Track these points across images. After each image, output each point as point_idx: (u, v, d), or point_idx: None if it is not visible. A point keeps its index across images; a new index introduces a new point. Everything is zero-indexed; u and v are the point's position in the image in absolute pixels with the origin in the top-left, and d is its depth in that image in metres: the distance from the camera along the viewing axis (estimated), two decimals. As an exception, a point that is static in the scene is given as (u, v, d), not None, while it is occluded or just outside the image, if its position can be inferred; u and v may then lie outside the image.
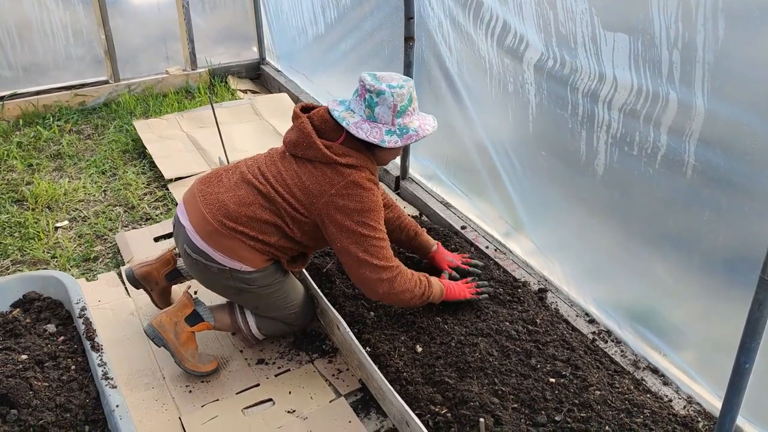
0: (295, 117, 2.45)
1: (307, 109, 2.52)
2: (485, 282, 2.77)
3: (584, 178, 2.55)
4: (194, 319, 2.52)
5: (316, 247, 2.59)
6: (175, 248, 2.82)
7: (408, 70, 3.41)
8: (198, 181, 2.55)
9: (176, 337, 2.48)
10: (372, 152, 2.44)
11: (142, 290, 2.83)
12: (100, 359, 2.32)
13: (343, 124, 2.34)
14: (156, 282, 2.77)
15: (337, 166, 2.33)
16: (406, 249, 2.92)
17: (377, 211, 2.36)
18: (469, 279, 2.77)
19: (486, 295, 2.69)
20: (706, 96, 1.97)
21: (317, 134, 2.38)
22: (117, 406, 2.12)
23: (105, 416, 2.21)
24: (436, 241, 2.89)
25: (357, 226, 2.31)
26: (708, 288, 2.24)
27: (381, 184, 3.87)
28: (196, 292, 2.85)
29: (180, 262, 2.81)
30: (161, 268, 2.78)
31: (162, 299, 2.83)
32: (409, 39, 3.34)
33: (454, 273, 2.80)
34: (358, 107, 2.38)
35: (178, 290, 2.94)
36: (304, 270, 2.75)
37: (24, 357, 2.30)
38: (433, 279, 2.57)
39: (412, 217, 3.40)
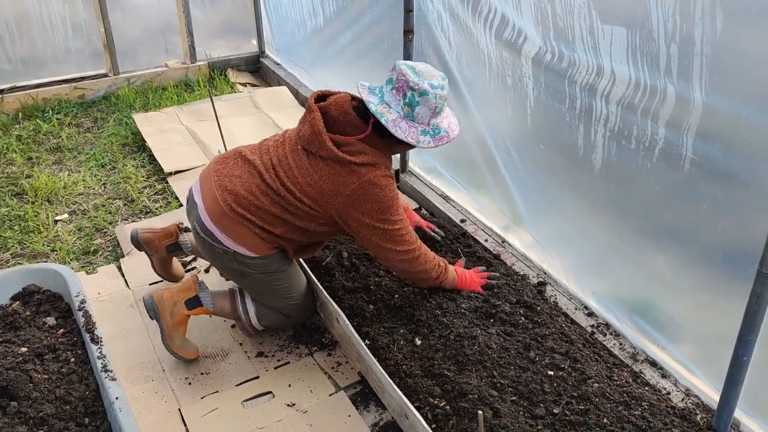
0: (309, 110, 2.36)
1: (324, 97, 2.45)
2: (497, 274, 2.80)
3: (583, 172, 2.55)
4: (194, 303, 2.54)
5: (332, 236, 2.64)
6: (180, 223, 2.92)
7: (407, 64, 3.41)
8: (216, 160, 2.54)
9: (171, 316, 2.50)
10: (389, 146, 2.40)
11: (142, 284, 2.85)
12: (100, 352, 2.32)
13: (382, 120, 2.26)
14: (156, 250, 2.84)
15: (351, 166, 2.29)
16: None
17: (395, 206, 2.35)
18: (481, 269, 2.81)
19: (495, 288, 2.72)
20: (704, 90, 1.96)
21: (334, 126, 2.32)
22: (116, 398, 2.12)
23: (105, 408, 2.22)
24: (406, 203, 2.96)
25: (377, 223, 2.32)
26: (706, 281, 2.24)
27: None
28: (206, 271, 2.92)
29: (182, 237, 2.88)
30: (163, 238, 2.84)
31: (162, 268, 2.91)
32: (408, 32, 3.33)
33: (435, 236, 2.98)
34: (395, 103, 2.29)
35: (179, 268, 3.01)
36: (303, 263, 2.76)
37: (24, 349, 2.31)
38: (450, 266, 2.63)
39: (413, 210, 3.41)
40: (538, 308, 2.64)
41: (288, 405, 2.39)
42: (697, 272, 2.26)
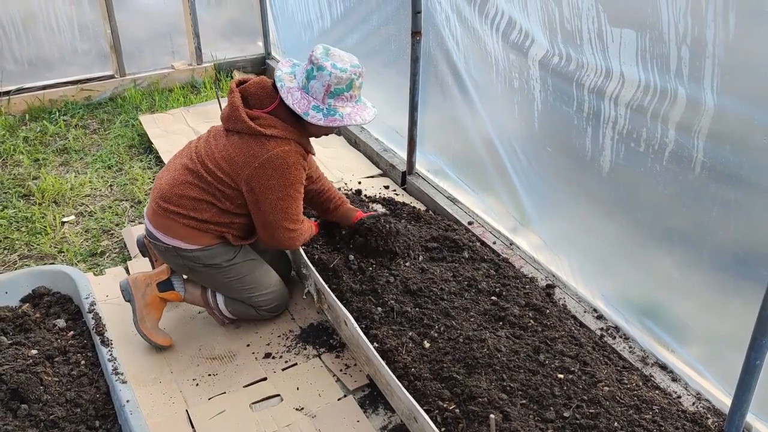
0: (230, 92, 2.49)
1: (242, 83, 2.55)
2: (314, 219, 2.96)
3: (591, 174, 2.54)
4: (166, 285, 2.65)
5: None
6: None
7: (415, 65, 3.41)
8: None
9: (143, 297, 2.62)
10: (303, 125, 2.48)
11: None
12: (110, 354, 2.32)
13: (278, 84, 2.40)
14: (155, 257, 2.90)
15: (261, 138, 2.39)
16: (329, 218, 3.00)
17: (298, 184, 2.46)
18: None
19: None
20: (716, 92, 1.95)
21: (252, 101, 2.45)
22: (127, 401, 2.12)
23: (115, 411, 2.22)
24: (357, 209, 2.99)
25: (277, 200, 2.43)
26: (717, 284, 2.23)
27: (387, 178, 3.87)
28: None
29: None
30: None
31: None
32: (416, 34, 3.33)
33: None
34: (300, 74, 2.43)
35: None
36: (310, 265, 2.75)
37: (34, 352, 2.31)
38: (306, 219, 2.77)
39: (418, 211, 3.40)
40: (547, 311, 2.63)
41: (296, 409, 2.39)
42: (707, 274, 2.25)
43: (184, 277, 2.72)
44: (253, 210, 2.49)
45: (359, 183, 3.82)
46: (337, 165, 4.02)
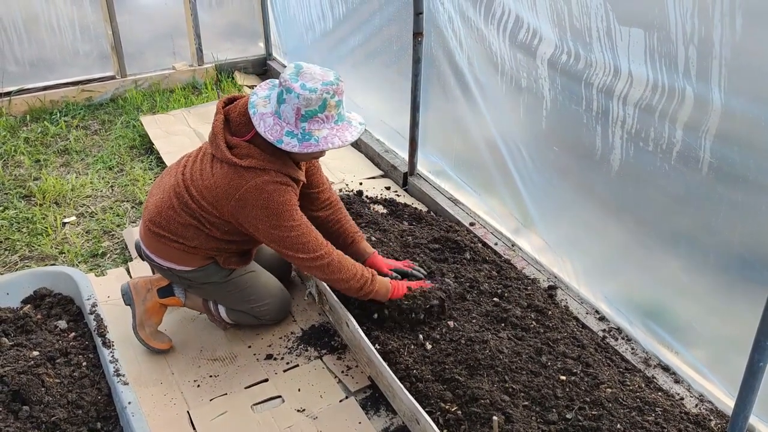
0: (216, 112, 2.34)
1: (233, 100, 2.40)
2: (426, 289, 2.57)
3: (598, 174, 2.53)
4: (166, 291, 2.61)
5: (251, 243, 2.55)
6: None
7: (417, 66, 3.40)
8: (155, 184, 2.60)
9: (143, 303, 2.58)
10: (285, 152, 2.27)
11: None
12: (112, 356, 2.31)
13: (251, 111, 2.21)
14: None
15: (239, 169, 2.23)
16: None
17: (287, 212, 2.26)
18: (423, 278, 2.63)
19: (436, 302, 2.52)
20: (723, 91, 1.95)
21: (233, 127, 2.29)
22: (129, 403, 2.11)
23: (117, 413, 2.21)
24: (374, 250, 2.69)
25: (270, 229, 2.26)
26: (721, 285, 2.22)
27: (388, 179, 3.86)
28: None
29: None
30: None
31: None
32: (417, 35, 3.32)
33: (394, 274, 2.62)
34: (274, 97, 2.23)
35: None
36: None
37: (35, 353, 2.30)
38: (380, 277, 2.46)
39: (420, 212, 3.39)
40: (549, 312, 2.63)
41: (298, 410, 2.38)
42: (712, 276, 2.24)
43: None
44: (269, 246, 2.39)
45: (360, 184, 3.81)
46: (338, 166, 4.01)
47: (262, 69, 5.62)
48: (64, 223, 3.54)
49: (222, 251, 2.48)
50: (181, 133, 4.38)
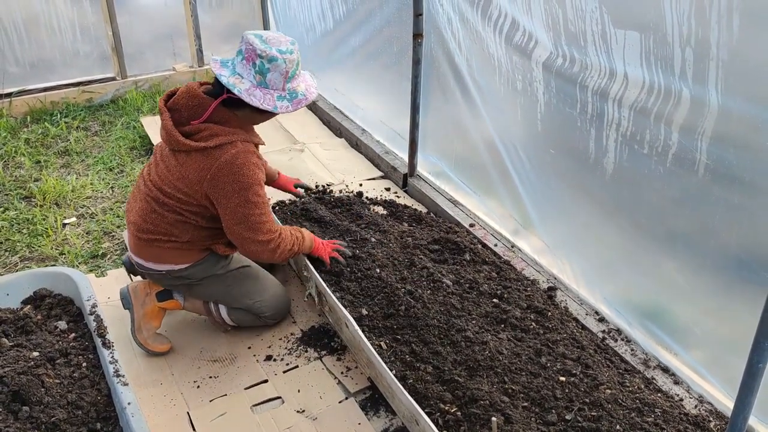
0: (160, 112, 2.41)
1: (173, 94, 2.47)
2: (345, 243, 2.86)
3: (594, 176, 2.54)
4: (165, 295, 2.64)
5: None
6: None
7: (417, 67, 3.41)
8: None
9: (142, 307, 2.61)
10: (250, 117, 2.44)
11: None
12: (112, 356, 2.31)
13: (235, 91, 2.29)
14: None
15: (207, 151, 2.33)
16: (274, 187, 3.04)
17: (256, 184, 2.37)
18: (337, 241, 2.85)
19: (343, 260, 2.76)
20: (720, 93, 1.95)
21: (186, 114, 2.36)
22: (129, 403, 2.11)
23: (117, 413, 2.21)
24: (278, 168, 3.05)
25: (238, 206, 2.35)
26: (720, 286, 2.22)
27: (388, 180, 3.86)
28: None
29: None
30: None
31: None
32: (417, 36, 3.33)
33: (300, 191, 3.16)
34: (246, 72, 2.32)
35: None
36: (311, 266, 2.74)
37: (35, 354, 2.30)
38: (306, 232, 2.68)
39: (420, 213, 3.40)
40: (549, 313, 2.63)
41: (297, 411, 2.38)
42: (710, 277, 2.24)
43: None
44: (224, 227, 2.44)
45: (360, 185, 3.81)
46: (338, 167, 4.01)
47: (263, 70, 5.62)
48: (65, 224, 3.54)
49: (216, 239, 2.53)
50: (182, 134, 4.38)
